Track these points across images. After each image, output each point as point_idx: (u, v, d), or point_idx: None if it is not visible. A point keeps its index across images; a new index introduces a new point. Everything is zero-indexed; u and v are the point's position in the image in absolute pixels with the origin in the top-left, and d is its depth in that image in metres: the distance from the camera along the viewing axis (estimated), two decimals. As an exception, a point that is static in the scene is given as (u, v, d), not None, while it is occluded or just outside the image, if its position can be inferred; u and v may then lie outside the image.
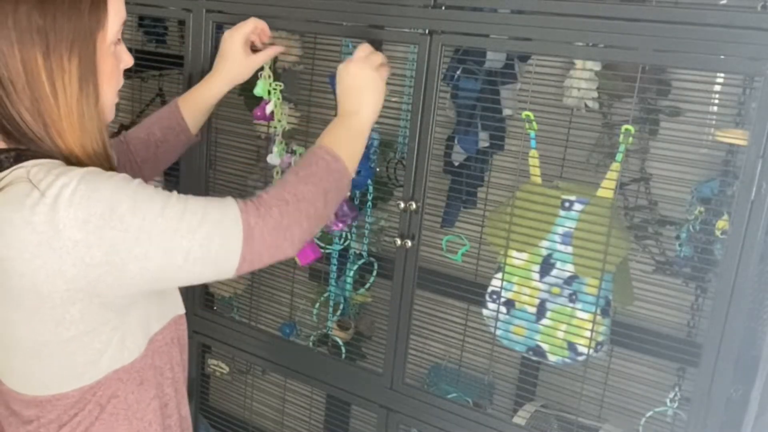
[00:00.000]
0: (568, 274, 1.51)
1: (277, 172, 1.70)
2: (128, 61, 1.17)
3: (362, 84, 1.32)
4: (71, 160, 1.09)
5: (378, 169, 1.80)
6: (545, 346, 1.54)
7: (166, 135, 1.55)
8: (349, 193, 1.58)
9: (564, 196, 1.51)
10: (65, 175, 1.02)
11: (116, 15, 1.11)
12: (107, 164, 1.12)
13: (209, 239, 1.05)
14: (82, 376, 1.12)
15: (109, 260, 1.02)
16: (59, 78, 1.05)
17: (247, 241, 1.08)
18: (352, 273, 1.95)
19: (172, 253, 1.04)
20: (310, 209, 1.14)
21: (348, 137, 1.27)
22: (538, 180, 1.55)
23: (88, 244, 1.00)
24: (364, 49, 1.36)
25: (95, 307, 1.07)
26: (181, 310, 1.28)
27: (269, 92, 1.65)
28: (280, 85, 1.65)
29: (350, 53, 1.73)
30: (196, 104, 1.56)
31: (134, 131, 1.56)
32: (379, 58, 1.35)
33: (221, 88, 1.57)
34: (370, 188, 1.83)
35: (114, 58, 1.13)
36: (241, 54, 1.54)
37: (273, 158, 1.70)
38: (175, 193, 1.09)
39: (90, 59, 1.08)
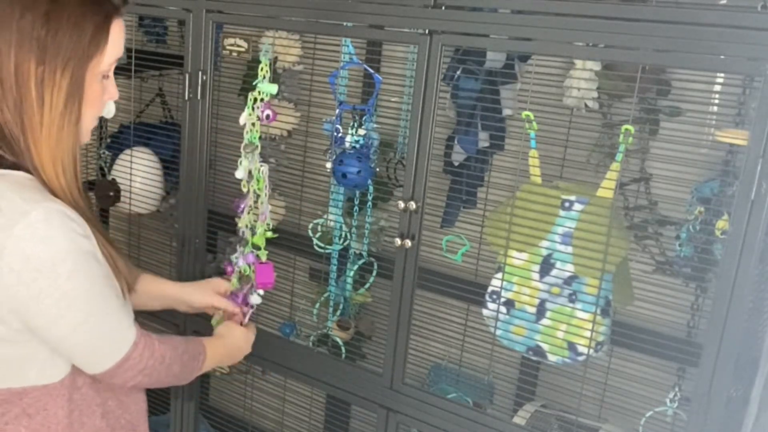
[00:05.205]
0: (568, 274, 1.51)
1: (244, 185, 1.60)
2: (113, 94, 1.23)
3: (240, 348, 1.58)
4: (39, 172, 1.14)
5: (378, 169, 1.80)
6: (545, 346, 1.54)
7: None
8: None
9: (564, 196, 1.51)
10: (29, 203, 1.08)
11: (114, 48, 1.17)
12: (74, 183, 1.17)
13: (101, 341, 1.20)
14: (8, 379, 1.19)
15: (28, 304, 1.10)
16: (48, 89, 1.11)
17: (118, 364, 1.22)
18: (352, 273, 1.94)
19: (75, 334, 1.16)
20: (164, 381, 1.34)
21: (220, 358, 1.54)
22: (538, 180, 1.55)
23: (20, 279, 1.08)
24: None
25: (14, 325, 1.13)
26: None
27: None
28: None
29: (350, 53, 1.73)
30: (152, 288, 1.57)
31: None
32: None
33: (177, 298, 1.60)
34: (370, 188, 1.83)
35: (100, 87, 1.18)
36: (209, 291, 1.61)
37: (239, 172, 1.60)
38: (115, 287, 1.20)
39: (80, 80, 1.13)
